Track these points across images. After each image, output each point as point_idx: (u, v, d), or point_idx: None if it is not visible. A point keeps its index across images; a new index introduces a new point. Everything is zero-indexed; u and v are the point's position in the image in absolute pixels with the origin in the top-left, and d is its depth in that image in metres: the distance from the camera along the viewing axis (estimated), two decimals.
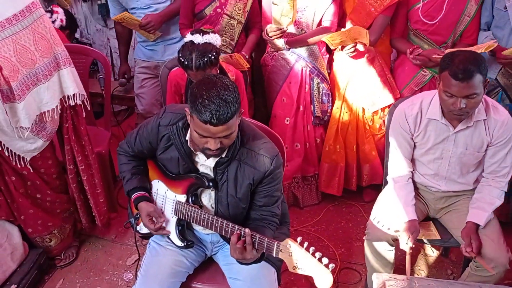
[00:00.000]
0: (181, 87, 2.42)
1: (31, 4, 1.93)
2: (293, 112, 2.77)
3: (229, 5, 2.68)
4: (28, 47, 1.92)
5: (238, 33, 2.74)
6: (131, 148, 1.89)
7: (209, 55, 2.10)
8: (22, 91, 1.92)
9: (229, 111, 1.50)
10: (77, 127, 2.29)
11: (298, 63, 2.70)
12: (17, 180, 2.18)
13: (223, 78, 1.58)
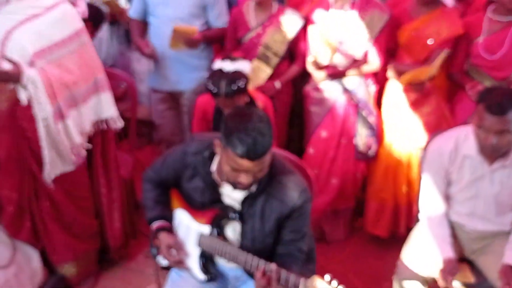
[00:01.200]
0: (209, 113, 2.40)
1: (79, 30, 2.00)
2: (334, 145, 2.69)
3: (266, 36, 2.64)
4: (73, 71, 1.97)
5: (274, 64, 2.68)
6: (157, 175, 1.87)
7: (238, 83, 2.08)
8: (66, 110, 1.97)
9: (265, 145, 1.47)
10: (107, 152, 2.30)
11: (342, 95, 2.64)
12: (50, 205, 2.19)
13: (257, 110, 1.56)
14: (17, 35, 1.88)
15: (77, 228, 2.32)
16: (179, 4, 2.70)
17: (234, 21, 2.73)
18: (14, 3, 1.89)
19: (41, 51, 1.89)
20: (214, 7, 2.75)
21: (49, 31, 1.91)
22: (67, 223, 2.28)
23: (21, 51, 1.87)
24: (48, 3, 1.93)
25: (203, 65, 2.88)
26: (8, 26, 1.88)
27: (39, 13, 1.90)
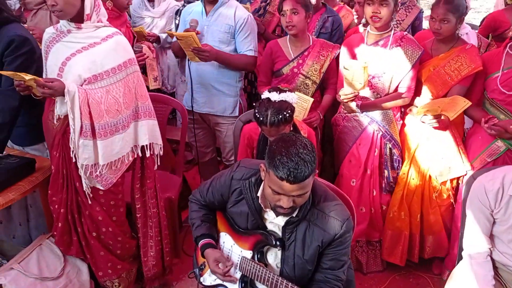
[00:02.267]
0: (254, 141, 2.48)
1: (128, 61, 2.11)
2: (360, 174, 2.71)
3: (306, 66, 2.76)
4: (117, 98, 2.07)
5: (312, 92, 2.79)
6: (203, 198, 1.94)
7: (284, 113, 2.15)
8: (104, 133, 2.06)
9: (306, 170, 1.51)
10: (145, 177, 2.35)
11: (370, 126, 2.68)
12: (91, 224, 2.28)
13: (302, 137, 1.61)
14: (73, 62, 2.02)
15: (118, 247, 2.38)
16: (211, 31, 2.84)
17: (271, 53, 2.84)
18: (74, 33, 2.05)
19: (92, 77, 2.02)
20: (241, 33, 2.85)
21: (102, 60, 2.04)
22: (108, 243, 2.35)
23: (75, 77, 2.00)
24: (104, 34, 2.07)
25: (231, 90, 2.98)
26: (67, 54, 2.03)
27: (95, 43, 2.05)
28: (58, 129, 2.12)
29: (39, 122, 2.37)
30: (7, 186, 2.13)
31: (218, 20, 2.84)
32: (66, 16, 2.00)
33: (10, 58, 2.16)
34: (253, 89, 3.52)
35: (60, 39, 2.06)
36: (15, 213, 2.62)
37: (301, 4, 2.66)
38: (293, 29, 2.69)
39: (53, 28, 2.12)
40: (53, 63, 2.06)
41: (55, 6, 1.94)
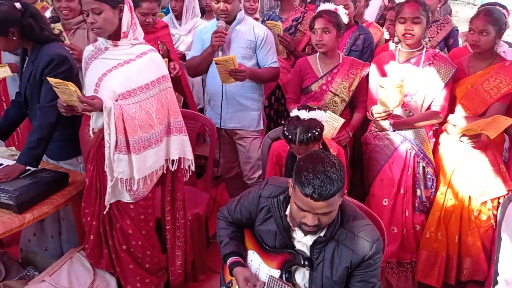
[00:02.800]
0: (282, 158, 2.47)
1: (162, 77, 2.17)
2: (393, 194, 2.66)
3: (334, 83, 2.75)
4: (150, 113, 2.12)
5: (341, 110, 2.77)
6: (231, 215, 1.94)
7: (313, 131, 2.14)
8: (138, 148, 2.11)
9: (332, 188, 1.50)
10: (175, 191, 2.40)
11: (403, 144, 2.63)
12: (122, 237, 2.32)
13: (331, 155, 1.60)
14: (109, 78, 2.09)
15: (147, 261, 2.41)
16: (232, 48, 2.85)
17: (300, 70, 2.85)
18: (111, 50, 2.13)
19: (126, 92, 2.08)
20: (263, 47, 2.87)
21: (136, 76, 2.10)
22: (137, 257, 2.38)
23: (110, 92, 2.06)
24: (139, 51, 2.13)
25: (255, 104, 3.00)
26: (103, 70, 2.10)
27: (130, 60, 2.11)
28: (93, 143, 2.19)
29: (73, 138, 2.45)
30: (41, 199, 2.19)
31: (238, 36, 2.87)
32: (104, 34, 2.07)
33: (50, 75, 2.23)
34: (280, 106, 3.53)
35: (98, 56, 2.14)
36: (47, 226, 2.68)
37: (333, 24, 2.66)
38: (323, 47, 2.70)
39: (92, 46, 2.20)
40: (90, 79, 2.14)
41: (95, 24, 2.02)
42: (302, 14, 3.47)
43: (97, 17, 2.01)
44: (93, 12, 2.00)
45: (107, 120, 2.01)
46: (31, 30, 2.23)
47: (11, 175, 2.17)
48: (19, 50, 2.40)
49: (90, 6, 2.00)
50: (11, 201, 2.04)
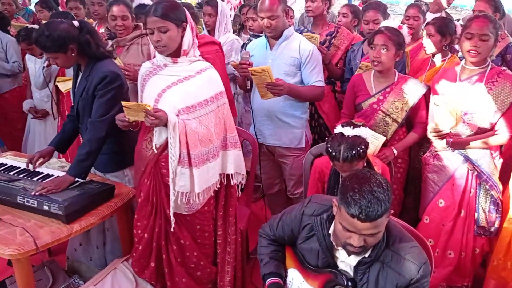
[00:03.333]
0: (325, 175, 2.44)
1: (219, 93, 2.23)
2: (452, 217, 2.55)
3: (386, 103, 2.68)
4: (209, 128, 2.18)
5: (393, 130, 2.70)
6: (273, 232, 1.93)
7: (358, 148, 2.10)
8: (198, 162, 2.16)
9: (379, 209, 1.47)
10: (228, 205, 2.42)
11: (464, 165, 2.52)
12: (177, 249, 2.35)
13: (377, 175, 1.57)
14: (168, 94, 2.15)
15: (199, 272, 2.43)
16: (276, 64, 2.85)
17: (354, 86, 2.81)
18: (170, 67, 2.19)
19: (186, 108, 2.13)
20: (307, 65, 2.84)
21: (195, 92, 2.15)
22: (190, 267, 2.41)
23: (170, 108, 2.12)
24: (198, 68, 2.20)
25: (298, 122, 2.97)
26: (163, 86, 2.17)
27: (190, 76, 2.17)
28: (151, 157, 2.24)
29: (120, 151, 2.53)
30: (88, 210, 2.25)
31: (283, 53, 2.87)
32: (168, 51, 2.14)
33: (102, 91, 2.33)
34: (313, 121, 3.49)
35: (156, 72, 2.21)
36: (93, 236, 2.75)
37: (393, 42, 2.60)
38: (379, 65, 2.64)
39: (149, 63, 2.28)
40: (149, 95, 2.20)
41: (160, 42, 2.09)
42: (336, 28, 3.47)
43: (163, 35, 2.08)
44: (158, 31, 2.07)
45: (172, 134, 2.06)
46: (88, 46, 2.33)
47: (61, 186, 2.25)
48: (74, 66, 2.51)
49: (156, 25, 2.07)
50: (60, 211, 2.10)
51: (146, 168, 2.26)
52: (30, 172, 2.43)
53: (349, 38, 3.46)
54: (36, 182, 2.30)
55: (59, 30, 2.25)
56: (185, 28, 2.14)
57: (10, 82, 4.03)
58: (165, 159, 2.18)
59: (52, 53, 2.30)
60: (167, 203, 2.23)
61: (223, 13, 3.81)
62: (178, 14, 2.10)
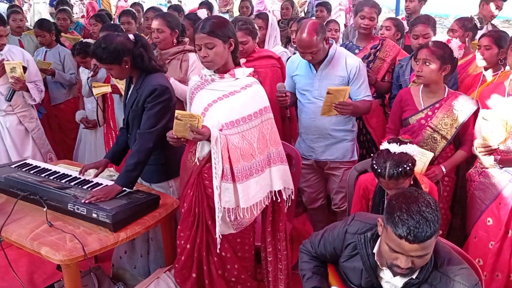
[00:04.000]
0: (370, 192, 2.39)
1: (264, 108, 2.24)
2: (500, 236, 2.43)
3: (435, 118, 2.61)
4: (252, 143, 2.19)
5: (441, 147, 2.61)
6: (314, 249, 1.91)
7: (404, 166, 2.05)
8: (241, 177, 2.17)
9: (428, 230, 1.43)
10: (276, 221, 2.41)
11: (511, 183, 2.41)
12: (218, 261, 2.37)
13: (426, 194, 1.53)
14: (214, 108, 2.20)
15: (240, 286, 2.43)
16: (323, 85, 2.79)
17: (401, 101, 2.75)
18: (217, 82, 2.24)
19: (230, 123, 2.17)
20: (355, 81, 2.81)
21: (240, 107, 2.18)
22: (231, 281, 2.41)
23: (215, 122, 2.16)
24: (243, 83, 2.23)
25: (349, 136, 2.94)
26: (209, 100, 2.22)
27: (235, 91, 2.21)
28: (195, 169, 2.28)
29: (166, 162, 2.59)
30: (134, 219, 2.30)
31: (329, 73, 2.83)
32: (214, 67, 2.20)
33: (151, 104, 2.41)
34: (361, 136, 3.42)
35: (204, 86, 2.27)
36: (137, 245, 2.82)
37: (436, 56, 2.54)
38: (421, 79, 2.59)
39: (198, 76, 2.34)
40: (196, 108, 2.26)
41: (206, 57, 2.15)
42: (380, 41, 3.42)
43: (209, 51, 2.13)
44: (205, 47, 2.13)
45: (215, 148, 2.10)
46: (141, 59, 2.43)
47: (109, 195, 2.32)
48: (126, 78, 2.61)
49: (203, 41, 2.13)
50: (108, 219, 2.17)
51: (189, 179, 2.30)
52: (81, 180, 2.53)
53: (394, 50, 3.41)
54: (86, 190, 2.38)
55: (115, 43, 2.36)
56: (232, 44, 2.18)
57: (66, 93, 4.24)
58: (208, 171, 2.22)
59: (107, 65, 2.41)
60: (209, 214, 2.26)
61: (273, 26, 3.85)
62: (225, 31, 2.15)
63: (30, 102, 3.55)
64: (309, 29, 2.66)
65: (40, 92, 3.60)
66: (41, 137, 3.70)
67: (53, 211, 2.30)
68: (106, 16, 4.91)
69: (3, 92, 3.40)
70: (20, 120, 3.56)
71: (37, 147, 3.66)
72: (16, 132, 3.56)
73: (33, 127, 3.63)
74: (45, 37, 4.23)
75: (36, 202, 2.34)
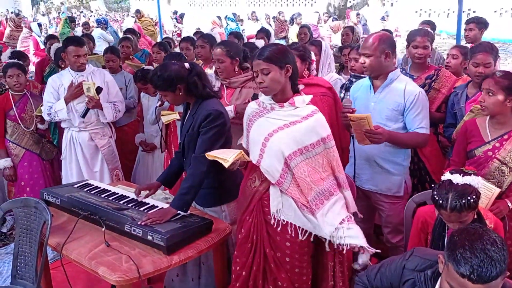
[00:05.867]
0: (429, 225, 2.28)
1: (327, 137, 2.22)
2: None
3: (503, 150, 2.47)
4: (317, 168, 2.19)
5: (509, 181, 2.46)
6: (370, 283, 1.84)
7: (468, 198, 1.94)
8: (316, 205, 2.16)
9: (493, 270, 1.34)
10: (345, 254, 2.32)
11: None
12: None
13: (491, 232, 1.45)
14: (275, 138, 2.20)
15: None
16: (378, 108, 2.75)
17: (466, 132, 2.63)
18: (277, 111, 2.24)
19: (293, 153, 2.16)
20: (411, 110, 2.69)
21: (302, 137, 2.17)
22: None
23: (278, 152, 2.17)
24: (304, 113, 2.21)
25: (398, 169, 2.81)
26: (269, 130, 2.22)
27: (296, 121, 2.20)
28: (255, 196, 2.30)
29: (220, 186, 2.61)
30: (187, 243, 2.32)
31: (386, 97, 2.75)
32: (271, 93, 2.22)
33: (206, 128, 2.47)
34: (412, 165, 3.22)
35: (263, 114, 2.28)
36: (189, 268, 2.84)
37: (500, 86, 2.43)
38: (485, 110, 2.49)
39: (255, 103, 2.36)
40: (256, 137, 2.27)
41: (262, 83, 2.18)
42: (436, 71, 3.30)
43: (265, 77, 2.16)
44: (262, 73, 2.16)
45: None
46: (195, 87, 2.50)
47: (164, 217, 2.36)
48: (183, 104, 2.69)
49: (260, 67, 2.16)
50: (163, 242, 2.20)
51: (248, 205, 2.30)
52: (138, 202, 2.60)
53: (451, 80, 3.29)
54: (142, 212, 2.44)
55: (170, 71, 2.46)
56: (289, 69, 2.19)
57: (128, 116, 4.43)
58: (268, 198, 2.22)
59: (162, 91, 2.53)
60: (268, 241, 2.25)
61: (326, 53, 3.85)
62: (281, 57, 2.17)
63: (102, 120, 3.74)
64: (377, 34, 2.74)
65: (117, 112, 3.79)
66: (110, 154, 3.87)
67: (110, 231, 2.38)
68: (167, 45, 5.13)
69: (78, 109, 3.63)
70: (91, 137, 3.76)
71: (105, 163, 3.84)
72: (87, 148, 3.76)
73: (103, 144, 3.81)
74: (115, 62, 4.49)
75: (96, 222, 2.43)
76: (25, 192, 3.91)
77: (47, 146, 4.07)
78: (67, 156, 3.79)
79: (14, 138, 3.89)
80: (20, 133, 3.89)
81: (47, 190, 2.77)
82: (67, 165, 3.81)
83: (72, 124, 3.71)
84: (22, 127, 3.88)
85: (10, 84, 3.82)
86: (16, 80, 3.79)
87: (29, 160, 3.94)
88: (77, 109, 3.64)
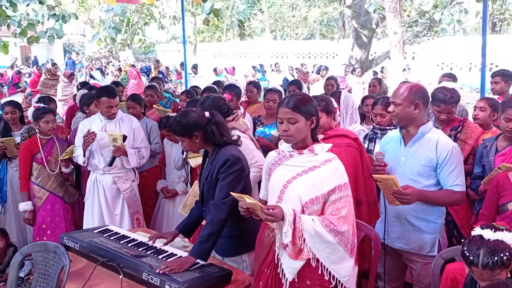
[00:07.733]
0: (459, 283, 2.17)
1: (344, 184, 2.20)
2: None
3: None
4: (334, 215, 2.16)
5: None
6: None
7: (501, 255, 1.85)
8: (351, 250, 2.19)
9: None
10: None
11: None
12: None
13: None
14: (294, 185, 2.18)
15: None
16: (409, 163, 2.63)
17: (498, 186, 2.55)
18: (296, 158, 2.24)
19: (310, 200, 2.14)
20: (445, 167, 2.54)
21: (320, 183, 2.15)
22: None
23: (296, 199, 2.15)
24: (323, 159, 2.21)
25: (430, 227, 2.65)
26: (288, 177, 2.21)
27: (315, 167, 2.19)
28: (273, 246, 2.24)
29: (240, 235, 2.57)
30: None
31: (417, 151, 2.61)
32: (294, 141, 2.22)
33: (224, 174, 2.46)
34: None
35: (282, 162, 2.28)
36: None
37: None
38: None
39: (275, 152, 2.36)
40: (275, 185, 2.26)
41: (287, 131, 2.18)
42: (461, 123, 3.26)
43: (291, 126, 2.17)
44: (288, 121, 2.17)
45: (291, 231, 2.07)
46: (212, 135, 2.52)
47: (183, 266, 2.31)
48: (202, 151, 2.69)
49: (286, 116, 2.18)
50: None
51: (266, 257, 2.25)
52: (157, 249, 2.56)
53: (477, 132, 3.24)
54: (161, 260, 2.40)
55: (189, 118, 2.50)
56: (314, 121, 2.20)
57: (149, 161, 4.47)
58: None
59: (179, 136, 2.56)
60: None
61: (345, 103, 3.81)
62: (308, 108, 2.19)
63: (126, 166, 3.81)
64: (409, 84, 2.68)
65: (141, 158, 3.86)
66: (132, 197, 3.90)
67: (128, 278, 2.33)
68: (194, 93, 5.27)
69: (105, 155, 3.72)
70: (114, 180, 3.81)
71: (126, 206, 3.86)
72: (109, 190, 3.81)
73: (126, 187, 3.85)
74: (136, 109, 4.58)
75: (113, 268, 2.38)
76: (46, 235, 3.91)
77: (70, 190, 4.12)
78: (90, 197, 3.84)
79: (39, 181, 3.94)
80: (45, 176, 3.95)
81: (67, 235, 2.75)
82: (89, 206, 3.85)
83: (97, 167, 3.77)
84: (48, 170, 3.94)
85: (45, 129, 3.90)
86: (52, 125, 3.91)
87: (52, 203, 3.97)
88: (103, 154, 3.71)
